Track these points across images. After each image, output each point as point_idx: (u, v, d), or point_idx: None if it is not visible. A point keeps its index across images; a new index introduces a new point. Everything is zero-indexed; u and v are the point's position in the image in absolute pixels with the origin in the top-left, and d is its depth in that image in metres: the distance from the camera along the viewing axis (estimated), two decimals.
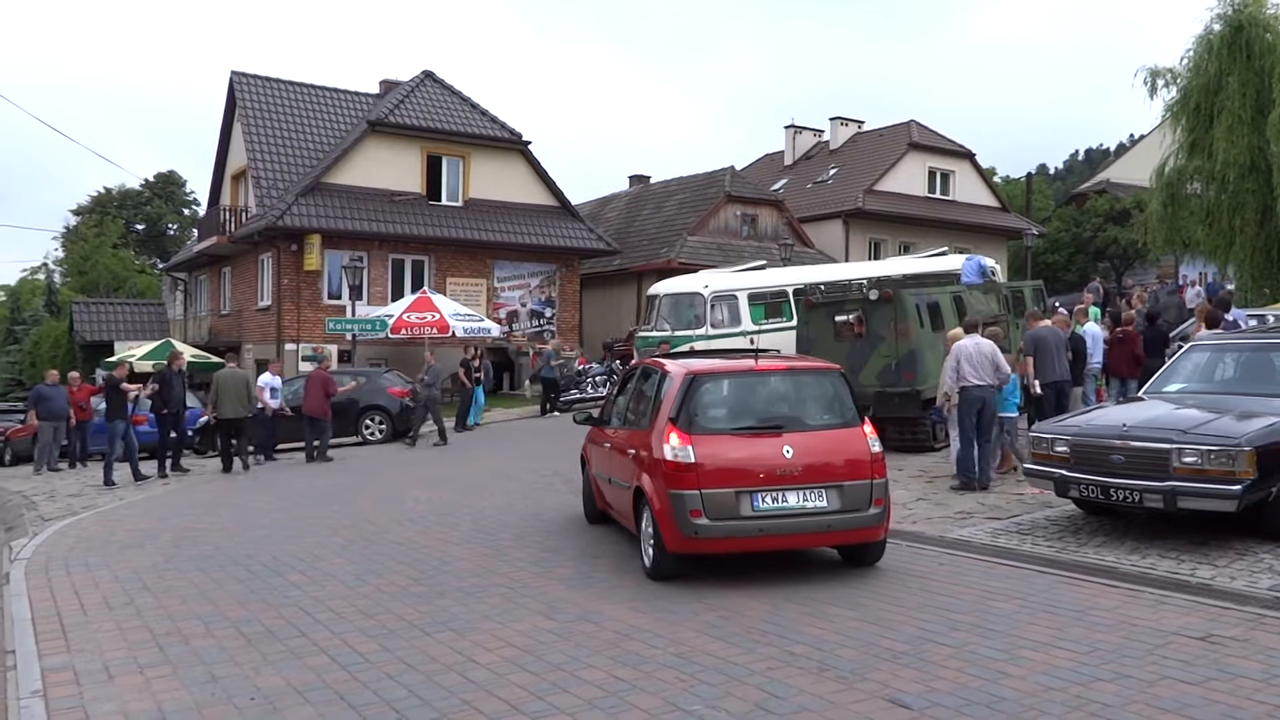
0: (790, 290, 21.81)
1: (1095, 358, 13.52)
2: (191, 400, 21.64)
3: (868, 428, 7.82)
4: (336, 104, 32.46)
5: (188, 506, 12.97)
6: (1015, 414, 11.69)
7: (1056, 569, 7.58)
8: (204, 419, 20.20)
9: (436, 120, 29.18)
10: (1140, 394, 10.06)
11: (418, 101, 29.73)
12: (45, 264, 56.89)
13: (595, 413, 10.40)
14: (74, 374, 18.91)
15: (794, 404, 7.96)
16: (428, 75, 31.16)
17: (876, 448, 7.71)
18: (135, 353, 26.94)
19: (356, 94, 33.32)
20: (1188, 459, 7.65)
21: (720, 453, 7.47)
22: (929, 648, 5.84)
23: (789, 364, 8.39)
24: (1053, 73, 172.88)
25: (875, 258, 37.61)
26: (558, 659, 5.87)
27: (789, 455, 7.41)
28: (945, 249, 28.20)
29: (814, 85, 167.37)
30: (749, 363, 8.12)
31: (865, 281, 15.89)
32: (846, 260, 35.67)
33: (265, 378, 18.34)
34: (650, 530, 7.72)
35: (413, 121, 28.73)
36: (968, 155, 40.91)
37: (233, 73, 31.07)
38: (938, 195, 39.72)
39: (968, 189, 40.57)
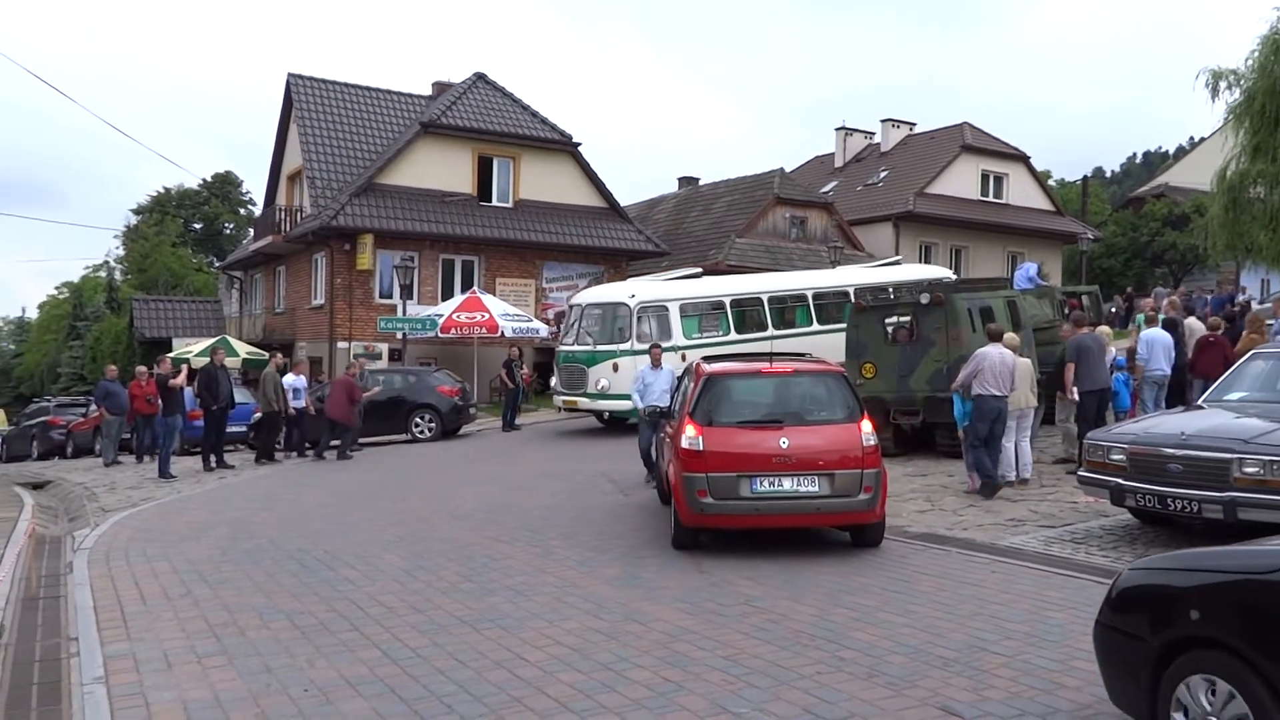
0: (728, 301, 19.93)
1: (1152, 364, 13.26)
2: (242, 395, 22.07)
3: (865, 424, 8.71)
4: (390, 105, 32.84)
5: (242, 500, 13.21)
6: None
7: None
8: (257, 414, 20.66)
9: (487, 121, 29.40)
10: (1200, 402, 9.85)
11: (469, 103, 29.98)
12: (107, 262, 58.16)
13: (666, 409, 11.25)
14: (142, 368, 19.35)
15: (796, 401, 9.11)
16: (479, 77, 31.40)
17: (870, 441, 8.62)
18: (193, 349, 27.51)
19: (409, 95, 33.68)
20: (1249, 469, 7.48)
21: (726, 442, 8.60)
22: (981, 656, 5.77)
23: (795, 367, 9.41)
24: (1110, 74, 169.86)
25: (926, 260, 37.25)
26: (606, 658, 5.90)
27: (785, 446, 8.44)
28: (899, 258, 26.85)
29: (865, 87, 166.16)
30: (762, 365, 9.37)
31: (921, 284, 15.76)
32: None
33: (289, 379, 18.66)
34: (673, 507, 9.00)
35: (464, 123, 28.98)
36: (1022, 158, 40.33)
37: (289, 75, 31.56)
38: (991, 198, 39.19)
39: (1022, 192, 39.98)
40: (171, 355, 25.79)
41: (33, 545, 10.49)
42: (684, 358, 17.86)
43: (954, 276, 22.84)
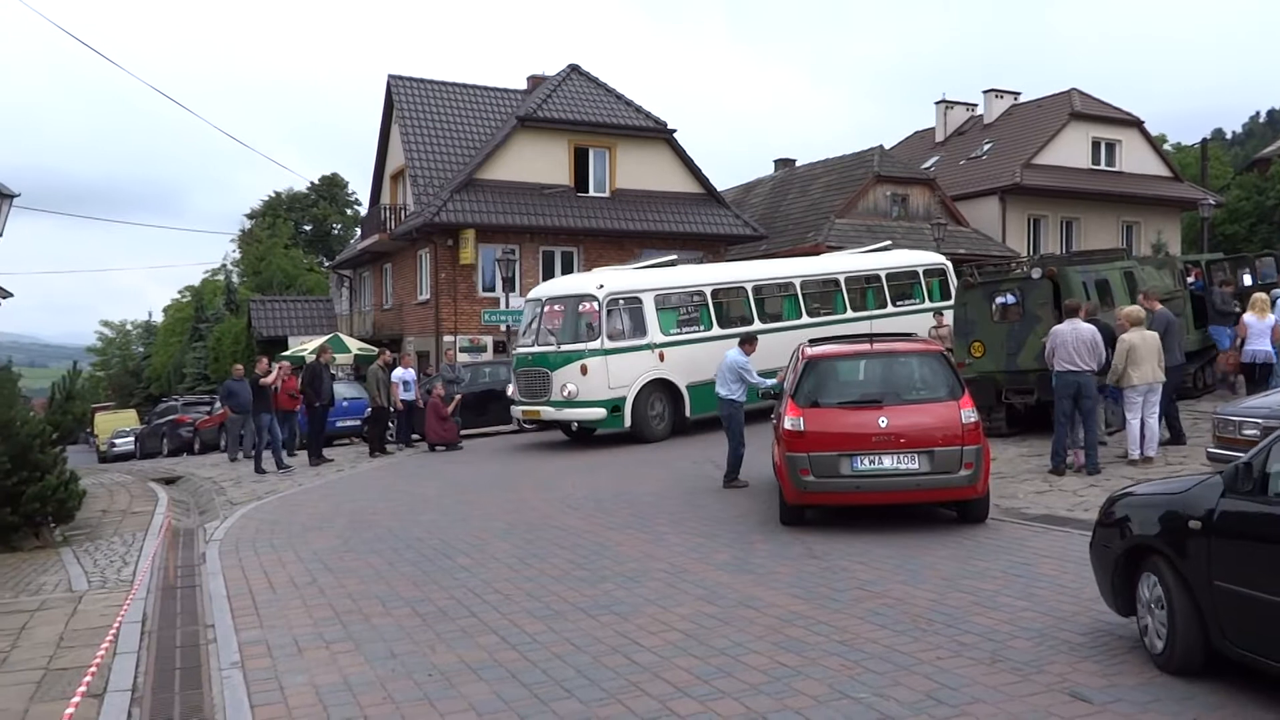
0: (708, 291, 17.75)
1: None
2: (356, 391, 22.76)
3: (965, 401, 8.87)
4: (487, 101, 33.32)
5: (360, 492, 13.64)
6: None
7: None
8: (370, 409, 21.29)
9: (582, 113, 29.58)
10: None
11: (564, 95, 30.20)
12: (224, 265, 60.50)
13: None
14: (285, 363, 19.98)
15: (895, 381, 9.33)
16: (573, 69, 31.60)
17: (969, 419, 8.74)
18: (308, 346, 28.48)
19: (505, 91, 34.10)
20: None
21: (826, 423, 8.89)
22: (1109, 640, 5.59)
23: (892, 347, 9.64)
24: (1226, 29, 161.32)
25: (1034, 235, 36.06)
26: (721, 644, 5.90)
27: (884, 425, 8.68)
28: (889, 242, 24.30)
29: (965, 58, 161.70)
30: (863, 346, 9.62)
31: (1028, 260, 15.25)
32: (1004, 240, 34.35)
33: (398, 372, 19.12)
34: (778, 485, 9.40)
35: (560, 115, 29.21)
36: (1135, 123, 38.60)
37: (389, 77, 32.28)
38: (1102, 167, 37.63)
39: (1135, 159, 38.29)
40: (287, 354, 26.75)
41: (169, 538, 11.03)
42: (662, 357, 16.74)
43: (947, 262, 21.43)
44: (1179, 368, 11.76)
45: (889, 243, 24.18)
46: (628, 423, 16.54)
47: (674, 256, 20.69)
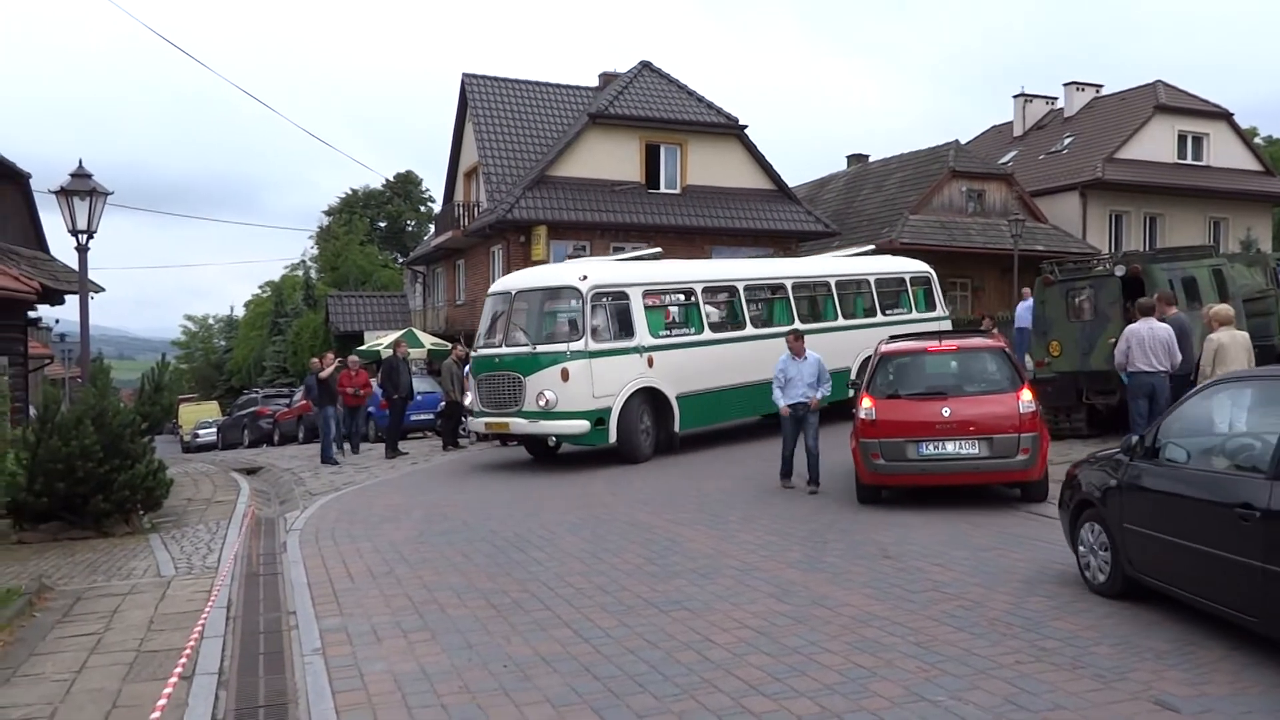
0: (700, 289, 15.84)
1: None
2: (429, 385, 23.11)
3: (1025, 392, 9.77)
4: (559, 99, 33.53)
5: (434, 485, 13.86)
6: None
7: None
8: (443, 403, 21.60)
9: (654, 109, 29.59)
10: None
11: (635, 92, 30.25)
12: (303, 261, 61.86)
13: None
14: (354, 358, 20.38)
15: (959, 375, 10.37)
16: (645, 65, 31.62)
17: (1027, 409, 9.64)
18: (383, 340, 29.01)
19: (577, 88, 34.28)
20: None
21: (896, 412, 9.91)
22: (1197, 649, 5.43)
23: (959, 344, 10.68)
24: None
25: (1116, 231, 35.10)
26: (794, 642, 5.87)
27: (946, 414, 9.65)
28: (872, 246, 23.00)
29: (1046, 50, 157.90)
30: (929, 343, 10.64)
31: (1109, 257, 14.86)
32: (1084, 237, 33.51)
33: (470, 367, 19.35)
34: (854, 468, 10.45)
35: (631, 112, 29.27)
36: (1224, 115, 37.28)
37: (464, 75, 32.67)
38: (1189, 161, 36.43)
39: (1224, 153, 36.98)
40: (363, 348, 27.27)
41: (251, 526, 11.35)
42: (650, 362, 14.67)
43: (931, 270, 20.26)
44: (1184, 376, 10.98)
45: (872, 246, 23.44)
46: (613, 437, 14.33)
47: (658, 249, 19.02)
